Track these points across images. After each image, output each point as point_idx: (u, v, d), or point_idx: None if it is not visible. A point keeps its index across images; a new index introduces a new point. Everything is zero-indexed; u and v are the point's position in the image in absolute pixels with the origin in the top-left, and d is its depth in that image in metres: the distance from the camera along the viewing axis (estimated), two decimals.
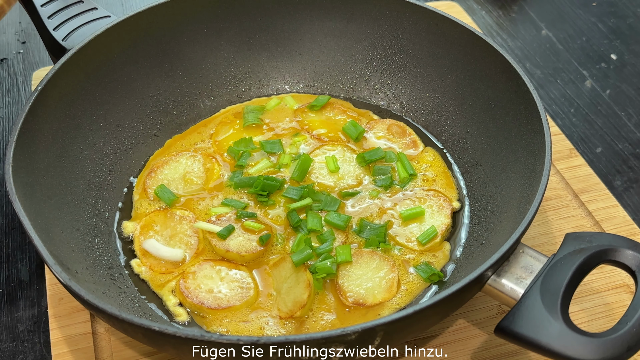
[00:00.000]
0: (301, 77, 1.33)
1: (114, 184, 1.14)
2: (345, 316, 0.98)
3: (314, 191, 1.11)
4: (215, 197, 1.13)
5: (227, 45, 1.29)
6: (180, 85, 1.27)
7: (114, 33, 1.15)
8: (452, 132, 1.22)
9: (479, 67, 1.16)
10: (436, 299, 0.79)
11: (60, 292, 1.05)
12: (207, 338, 0.75)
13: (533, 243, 1.13)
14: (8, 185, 0.92)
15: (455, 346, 1.01)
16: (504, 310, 1.04)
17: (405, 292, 1.01)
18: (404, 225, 1.08)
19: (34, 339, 1.06)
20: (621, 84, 1.52)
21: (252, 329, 0.97)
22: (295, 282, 1.00)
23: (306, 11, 1.28)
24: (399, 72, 1.28)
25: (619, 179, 1.33)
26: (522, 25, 1.69)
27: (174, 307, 1.00)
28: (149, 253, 1.05)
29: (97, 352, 1.00)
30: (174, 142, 1.23)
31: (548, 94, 1.50)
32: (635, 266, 0.86)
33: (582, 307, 1.05)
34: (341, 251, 1.02)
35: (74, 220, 1.04)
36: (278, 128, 1.25)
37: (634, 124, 1.43)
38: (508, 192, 1.06)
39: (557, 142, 1.29)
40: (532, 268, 0.87)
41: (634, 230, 1.16)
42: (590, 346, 0.79)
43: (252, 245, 1.04)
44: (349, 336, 0.76)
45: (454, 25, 1.17)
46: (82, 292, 0.81)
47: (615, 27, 1.68)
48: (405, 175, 1.15)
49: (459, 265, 1.05)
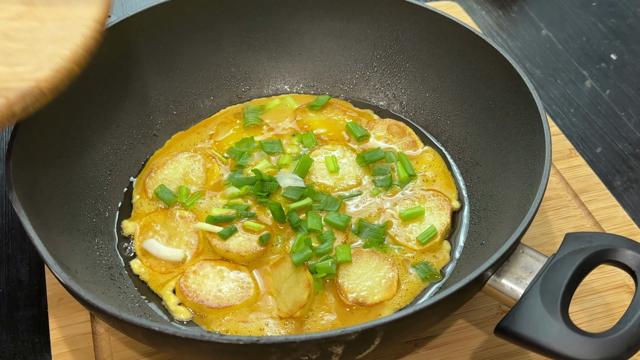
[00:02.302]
0: (301, 77, 1.33)
1: (114, 184, 1.14)
2: (345, 316, 0.98)
3: (314, 191, 1.11)
4: (214, 196, 1.13)
5: (227, 45, 1.29)
6: (180, 85, 1.27)
7: (114, 33, 1.15)
8: (452, 132, 1.22)
9: (479, 67, 1.16)
10: (436, 299, 0.79)
11: (60, 292, 1.05)
12: (207, 338, 0.75)
13: (533, 243, 1.13)
14: (8, 185, 0.92)
15: (455, 346, 1.01)
16: (504, 310, 1.04)
17: (405, 292, 1.01)
18: (404, 225, 1.09)
19: (34, 339, 1.07)
20: (621, 84, 1.53)
21: (252, 329, 0.97)
22: (295, 282, 1.00)
23: (306, 11, 1.28)
24: (399, 72, 1.28)
25: (619, 179, 1.33)
26: (522, 25, 1.69)
27: (175, 307, 1.00)
28: (149, 253, 1.05)
29: (97, 352, 1.00)
30: (174, 142, 1.23)
31: (548, 94, 1.50)
32: (635, 266, 0.86)
33: (582, 307, 1.05)
34: (341, 251, 1.02)
35: (74, 220, 1.04)
36: (278, 128, 1.25)
37: (634, 124, 1.43)
38: (508, 192, 1.06)
39: (557, 142, 1.29)
40: (532, 268, 0.87)
41: (634, 230, 1.16)
42: (590, 346, 0.79)
43: (252, 245, 1.04)
44: (349, 336, 0.76)
45: (454, 25, 1.17)
46: (82, 292, 0.81)
47: (615, 27, 1.68)
48: (405, 175, 1.15)
49: (459, 265, 1.05)
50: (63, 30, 0.91)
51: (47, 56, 0.87)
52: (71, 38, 0.90)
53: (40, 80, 0.85)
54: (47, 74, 0.86)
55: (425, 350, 1.00)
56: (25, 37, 0.90)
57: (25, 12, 0.92)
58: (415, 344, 1.01)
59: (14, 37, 0.89)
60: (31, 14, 0.92)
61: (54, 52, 0.88)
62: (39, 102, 0.86)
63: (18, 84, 0.84)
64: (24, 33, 0.90)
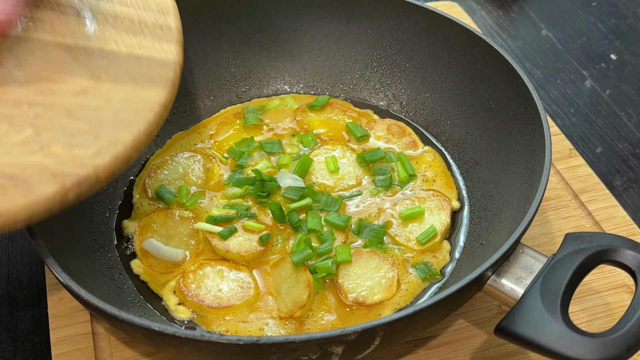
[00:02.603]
0: (301, 77, 1.33)
1: (114, 184, 1.14)
2: (345, 316, 0.98)
3: (314, 191, 1.11)
4: (214, 196, 1.13)
5: (227, 45, 1.29)
6: (180, 85, 1.26)
7: None
8: (452, 132, 1.22)
9: (479, 67, 1.16)
10: (436, 299, 0.79)
11: (60, 292, 1.05)
12: (207, 338, 0.75)
13: (533, 243, 1.13)
14: None
15: (455, 346, 1.01)
16: (503, 310, 1.04)
17: (405, 292, 1.01)
18: (404, 225, 1.09)
19: (34, 339, 1.07)
20: (621, 84, 1.53)
21: (252, 329, 0.97)
22: (295, 282, 1.00)
23: (306, 11, 1.28)
24: (399, 72, 1.28)
25: (619, 179, 1.33)
26: (522, 25, 1.69)
27: (175, 307, 1.00)
28: (149, 253, 1.05)
29: (97, 352, 1.00)
30: (174, 142, 1.23)
31: (548, 94, 1.50)
32: (635, 266, 0.86)
33: (582, 307, 1.05)
34: (341, 251, 1.02)
35: (73, 219, 1.04)
36: (278, 128, 1.25)
37: (634, 124, 1.44)
38: (508, 192, 1.06)
39: (557, 142, 1.29)
40: (532, 268, 0.87)
41: (633, 230, 1.16)
42: (590, 346, 0.79)
43: (252, 245, 1.04)
44: (349, 336, 0.76)
45: (454, 25, 1.17)
46: (82, 292, 0.81)
47: (615, 27, 1.68)
48: (405, 175, 1.15)
49: (459, 265, 1.05)
50: (127, 113, 0.83)
51: (109, 141, 0.80)
52: (135, 123, 0.83)
53: (99, 167, 0.78)
54: (106, 161, 0.79)
55: (425, 350, 1.00)
56: (89, 116, 0.82)
57: (90, 88, 0.84)
58: (415, 344, 1.01)
59: (77, 115, 0.81)
60: (97, 90, 0.84)
61: (116, 136, 0.81)
62: (93, 189, 0.79)
63: (76, 170, 0.77)
64: (87, 112, 0.82)
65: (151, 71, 0.89)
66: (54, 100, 0.82)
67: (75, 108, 0.82)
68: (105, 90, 0.85)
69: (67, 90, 0.83)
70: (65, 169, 0.77)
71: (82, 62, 0.86)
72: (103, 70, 0.86)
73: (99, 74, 0.86)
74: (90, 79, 0.85)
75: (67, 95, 0.83)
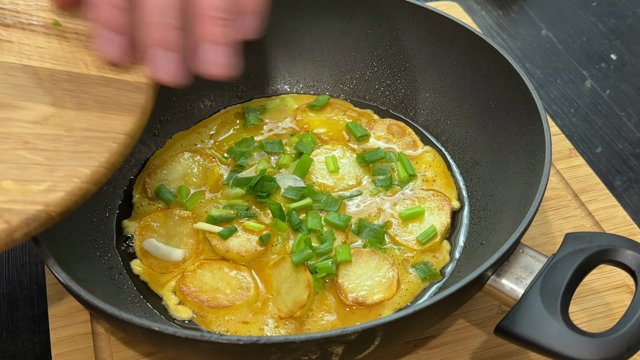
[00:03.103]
0: (301, 77, 1.33)
1: (113, 184, 1.14)
2: (345, 316, 0.98)
3: (314, 191, 1.11)
4: (214, 196, 1.13)
5: None
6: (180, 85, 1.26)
7: None
8: (452, 132, 1.22)
9: (479, 67, 1.16)
10: (436, 299, 0.79)
11: (60, 292, 1.05)
12: (207, 338, 0.75)
13: (533, 243, 1.13)
14: None
15: (455, 346, 1.01)
16: (504, 310, 1.04)
17: (405, 291, 1.01)
18: (404, 224, 1.08)
19: (34, 339, 1.06)
20: (621, 84, 1.53)
21: (252, 329, 0.97)
22: (295, 282, 1.00)
23: (306, 11, 1.28)
24: (399, 72, 1.28)
25: (619, 179, 1.33)
26: (522, 25, 1.69)
27: (175, 307, 1.00)
28: (148, 253, 1.05)
29: (97, 352, 1.00)
30: (174, 142, 1.23)
31: (548, 94, 1.50)
32: (635, 266, 0.86)
33: (582, 307, 1.05)
34: (341, 251, 1.02)
35: (73, 219, 1.03)
36: (278, 128, 1.25)
37: (634, 124, 1.44)
38: (508, 192, 1.06)
39: (557, 142, 1.29)
40: (532, 268, 0.87)
41: (633, 230, 1.16)
42: (590, 346, 0.79)
43: (252, 245, 1.04)
44: (349, 336, 0.76)
45: (454, 25, 1.17)
46: (82, 292, 0.81)
47: (615, 27, 1.68)
48: (405, 175, 1.15)
49: (459, 265, 1.05)
50: (89, 144, 0.78)
51: (65, 175, 0.75)
52: (96, 154, 0.78)
53: (50, 204, 0.73)
54: (59, 197, 0.73)
55: (425, 350, 1.00)
56: (46, 147, 0.76)
57: (52, 116, 0.79)
58: (415, 344, 1.01)
59: (34, 146, 0.76)
60: (59, 118, 0.79)
61: (73, 170, 0.76)
62: (44, 227, 0.74)
63: (24, 207, 0.72)
64: (45, 142, 0.77)
65: (120, 96, 0.84)
66: (11, 130, 0.77)
67: (33, 138, 0.77)
68: (68, 118, 0.80)
69: (26, 119, 0.78)
70: (14, 206, 0.72)
71: (46, 87, 0.82)
72: (68, 97, 0.82)
73: (63, 101, 0.81)
74: (52, 106, 0.80)
75: (26, 125, 0.78)
